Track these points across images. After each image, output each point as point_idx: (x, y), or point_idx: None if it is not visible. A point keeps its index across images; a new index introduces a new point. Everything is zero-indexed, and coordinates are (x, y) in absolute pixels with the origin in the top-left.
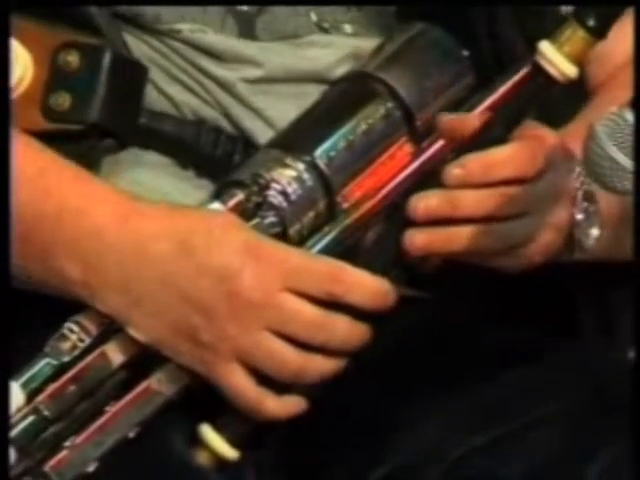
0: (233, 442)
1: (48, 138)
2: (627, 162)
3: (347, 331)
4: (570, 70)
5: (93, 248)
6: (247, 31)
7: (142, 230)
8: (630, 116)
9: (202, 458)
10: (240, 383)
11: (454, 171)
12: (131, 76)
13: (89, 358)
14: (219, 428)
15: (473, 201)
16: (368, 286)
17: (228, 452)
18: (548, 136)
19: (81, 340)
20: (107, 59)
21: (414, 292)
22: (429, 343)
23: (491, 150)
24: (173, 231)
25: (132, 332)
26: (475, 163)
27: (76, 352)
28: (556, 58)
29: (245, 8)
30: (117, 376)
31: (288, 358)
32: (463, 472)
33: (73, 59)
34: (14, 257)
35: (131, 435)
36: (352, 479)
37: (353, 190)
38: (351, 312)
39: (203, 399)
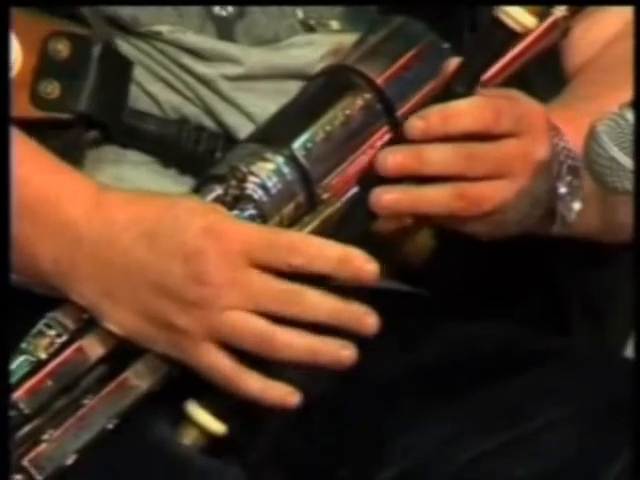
0: (219, 415)
1: (34, 126)
2: (628, 162)
3: (317, 301)
4: (529, 21)
5: (65, 238)
6: (226, 36)
7: (111, 220)
8: (631, 116)
9: (189, 437)
10: (215, 361)
11: (415, 122)
12: (119, 69)
13: (66, 353)
14: (204, 402)
15: (439, 156)
16: (331, 254)
17: (214, 425)
18: (524, 101)
19: (58, 336)
20: (97, 50)
21: (409, 288)
22: (433, 343)
23: (452, 102)
24: (139, 219)
25: (107, 324)
26: (435, 114)
27: (53, 348)
28: (513, 10)
29: (224, 14)
30: (96, 370)
31: (261, 331)
32: (471, 475)
33: (63, 48)
34: None
35: (110, 427)
36: None
37: (333, 180)
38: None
39: (186, 385)
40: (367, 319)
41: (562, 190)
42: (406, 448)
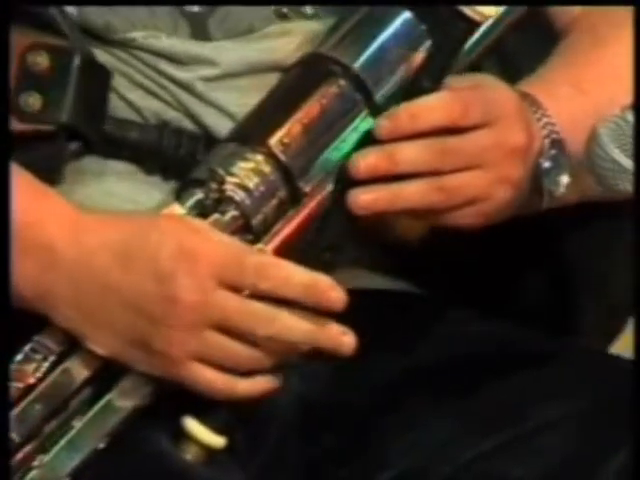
0: (217, 428)
1: (16, 140)
2: (629, 164)
3: (291, 322)
4: (488, 9)
5: (44, 262)
6: (200, 32)
7: (87, 243)
8: (632, 117)
9: (191, 452)
10: (205, 378)
11: (382, 122)
12: (99, 79)
13: (52, 376)
14: (201, 417)
15: (411, 154)
16: (297, 280)
17: (214, 440)
18: (492, 88)
19: (44, 359)
20: (77, 61)
21: (409, 287)
22: (432, 343)
23: (420, 99)
24: (114, 241)
25: (90, 346)
26: (402, 112)
27: (40, 372)
28: None
29: (196, 9)
30: (83, 392)
31: (237, 351)
32: (470, 476)
33: (42, 60)
34: None
35: (101, 446)
36: None
37: (315, 171)
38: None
39: (184, 398)
40: (343, 339)
41: (546, 165)
42: (406, 448)
